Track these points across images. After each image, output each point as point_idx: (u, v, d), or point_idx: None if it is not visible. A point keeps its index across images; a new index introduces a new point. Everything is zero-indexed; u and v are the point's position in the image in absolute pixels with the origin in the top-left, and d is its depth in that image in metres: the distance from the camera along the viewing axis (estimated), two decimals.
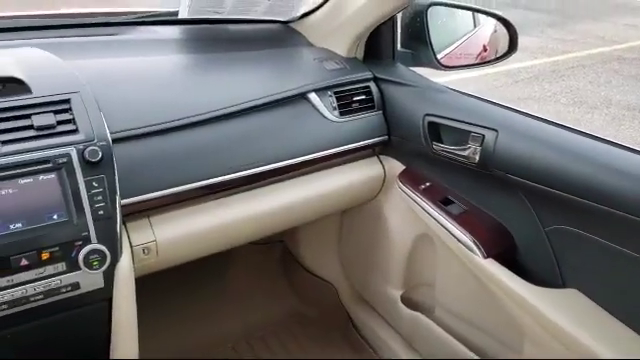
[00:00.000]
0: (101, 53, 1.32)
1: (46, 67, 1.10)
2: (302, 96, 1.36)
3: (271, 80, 1.37)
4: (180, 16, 1.47)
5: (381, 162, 1.50)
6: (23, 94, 1.01)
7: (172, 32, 1.53)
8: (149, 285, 1.21)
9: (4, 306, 0.93)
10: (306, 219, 1.54)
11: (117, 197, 1.00)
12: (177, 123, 1.15)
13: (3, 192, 0.93)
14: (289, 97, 1.33)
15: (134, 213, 1.11)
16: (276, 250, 2.03)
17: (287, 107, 1.33)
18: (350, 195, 1.50)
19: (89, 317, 1.06)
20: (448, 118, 1.30)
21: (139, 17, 1.56)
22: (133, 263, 1.09)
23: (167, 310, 1.74)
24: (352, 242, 1.77)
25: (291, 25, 1.65)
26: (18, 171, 0.94)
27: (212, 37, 1.55)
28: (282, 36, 1.61)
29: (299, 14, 1.61)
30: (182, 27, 1.56)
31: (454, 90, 1.39)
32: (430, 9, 1.47)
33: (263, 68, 1.42)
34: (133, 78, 1.24)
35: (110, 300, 1.06)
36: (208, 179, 1.18)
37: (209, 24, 1.58)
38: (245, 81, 1.35)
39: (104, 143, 1.00)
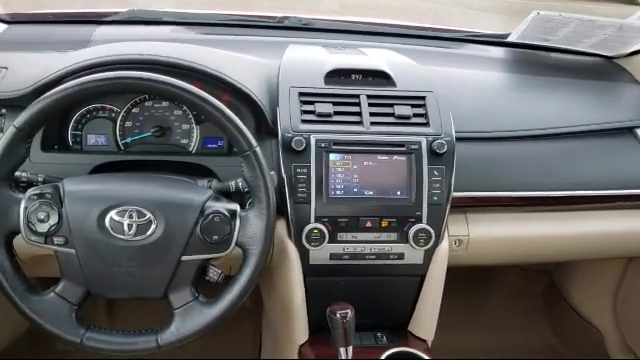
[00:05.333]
0: (442, 62, 1.48)
1: (406, 67, 1.29)
2: (629, 130, 1.35)
3: (594, 109, 1.39)
4: (510, 39, 1.57)
5: None
6: (389, 86, 1.20)
7: (499, 52, 1.64)
8: None
9: (346, 256, 1.13)
10: (592, 255, 1.51)
11: (451, 188, 1.13)
12: (512, 134, 1.25)
13: (365, 163, 1.12)
14: (616, 129, 1.34)
15: (454, 207, 1.22)
16: (542, 280, 2.01)
17: (611, 138, 1.34)
18: None
19: (402, 287, 1.21)
20: None
21: (469, 35, 1.71)
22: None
23: None
24: (636, 292, 1.67)
25: (615, 61, 1.64)
26: (380, 148, 1.13)
27: (536, 62, 1.61)
28: (605, 70, 1.61)
29: (628, 51, 1.58)
30: (507, 49, 1.65)
31: None
32: None
33: (586, 97, 1.44)
34: (472, 87, 1.38)
35: (423, 277, 1.19)
36: (524, 191, 1.25)
37: (532, 49, 1.65)
38: (569, 106, 1.38)
39: (449, 139, 1.14)
